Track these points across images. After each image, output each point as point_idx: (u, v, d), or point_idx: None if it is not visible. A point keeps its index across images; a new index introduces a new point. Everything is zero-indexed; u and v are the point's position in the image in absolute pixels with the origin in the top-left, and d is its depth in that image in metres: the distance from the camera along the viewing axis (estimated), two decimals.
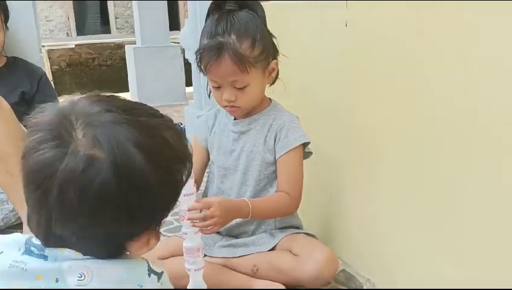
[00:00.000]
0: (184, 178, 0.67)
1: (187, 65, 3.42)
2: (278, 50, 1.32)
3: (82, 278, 0.59)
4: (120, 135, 0.60)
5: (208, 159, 1.44)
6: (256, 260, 1.29)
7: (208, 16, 1.28)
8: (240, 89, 1.26)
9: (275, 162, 1.34)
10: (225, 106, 1.32)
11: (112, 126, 0.60)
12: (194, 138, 1.48)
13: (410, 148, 1.16)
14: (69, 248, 0.62)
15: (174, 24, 5.23)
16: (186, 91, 4.11)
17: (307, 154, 1.36)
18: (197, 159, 1.44)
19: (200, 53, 1.26)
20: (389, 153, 1.24)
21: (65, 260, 0.61)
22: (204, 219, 1.13)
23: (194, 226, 1.11)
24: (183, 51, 3.06)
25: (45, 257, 0.61)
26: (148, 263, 0.66)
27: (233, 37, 1.22)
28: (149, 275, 0.64)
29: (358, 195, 1.40)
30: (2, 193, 1.65)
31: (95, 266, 0.60)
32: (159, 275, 0.65)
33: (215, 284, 1.31)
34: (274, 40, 1.31)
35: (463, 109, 0.99)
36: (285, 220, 1.37)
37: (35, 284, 0.60)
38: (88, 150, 0.58)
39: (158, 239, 0.68)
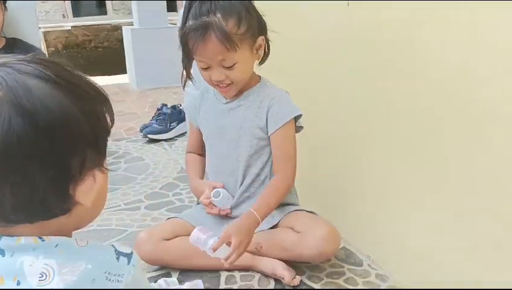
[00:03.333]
0: (109, 119, 0.63)
1: None
2: (266, 27, 1.30)
3: (43, 278, 0.55)
4: (23, 76, 0.55)
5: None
6: (260, 237, 1.31)
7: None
8: (228, 68, 1.25)
9: (265, 137, 1.35)
10: (216, 86, 1.31)
11: (21, 71, 0.56)
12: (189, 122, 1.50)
13: (410, 127, 1.18)
14: (17, 223, 0.58)
15: (172, 5, 5.19)
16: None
17: (298, 129, 1.36)
18: (194, 137, 1.48)
19: (186, 33, 1.23)
20: (390, 132, 1.26)
21: (23, 253, 0.56)
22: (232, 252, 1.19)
23: (226, 260, 1.20)
24: None
25: (2, 252, 0.57)
26: (114, 246, 0.61)
27: (218, 15, 1.20)
28: (117, 259, 0.60)
29: (358, 173, 1.42)
30: None
31: (54, 263, 0.56)
32: (129, 257, 0.61)
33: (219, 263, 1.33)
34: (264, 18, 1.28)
35: (465, 89, 1.00)
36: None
37: None
38: None
39: (105, 172, 0.63)
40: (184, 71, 1.35)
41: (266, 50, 1.32)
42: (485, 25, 0.94)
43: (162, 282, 1.24)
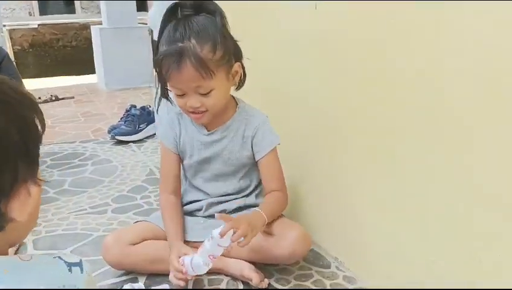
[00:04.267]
0: (39, 126, 0.57)
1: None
2: (241, 53, 1.28)
3: None
4: None
5: (181, 163, 1.42)
6: None
7: (163, 23, 1.23)
8: (204, 94, 1.23)
9: (252, 162, 1.36)
10: (190, 113, 1.29)
11: None
12: (160, 145, 1.45)
13: (379, 132, 1.19)
14: None
15: (142, 5, 5.13)
16: (154, 73, 4.05)
17: None
18: (170, 167, 1.41)
19: (160, 60, 1.21)
20: (359, 137, 1.26)
21: None
22: (240, 237, 1.14)
23: (232, 240, 1.14)
24: (151, 32, 3.02)
25: None
26: (61, 258, 0.57)
27: (193, 41, 1.17)
28: (70, 270, 0.55)
29: (327, 175, 1.42)
30: None
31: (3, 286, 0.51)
32: (80, 265, 0.57)
33: None
34: (238, 43, 1.27)
35: (432, 93, 1.01)
36: (254, 201, 1.39)
37: None
38: None
39: (39, 185, 0.58)
40: (156, 96, 1.35)
41: (242, 76, 1.30)
42: (450, 29, 0.95)
43: (128, 287, 1.21)
